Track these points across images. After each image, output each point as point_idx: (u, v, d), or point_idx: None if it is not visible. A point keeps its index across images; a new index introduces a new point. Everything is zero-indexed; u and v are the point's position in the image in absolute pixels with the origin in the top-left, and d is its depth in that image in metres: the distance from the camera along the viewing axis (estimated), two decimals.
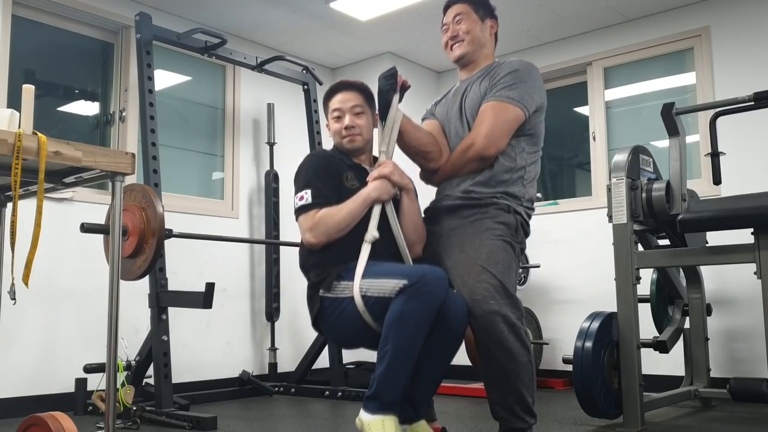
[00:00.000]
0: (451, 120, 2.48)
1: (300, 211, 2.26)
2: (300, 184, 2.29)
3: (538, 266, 4.70)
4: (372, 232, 2.22)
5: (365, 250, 2.19)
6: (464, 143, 2.38)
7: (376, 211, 2.25)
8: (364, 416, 2.05)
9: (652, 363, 3.75)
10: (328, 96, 2.42)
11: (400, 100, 2.37)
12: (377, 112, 2.41)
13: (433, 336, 2.09)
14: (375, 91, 2.40)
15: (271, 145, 4.92)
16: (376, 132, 2.42)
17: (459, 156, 2.38)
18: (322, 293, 2.20)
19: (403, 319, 2.01)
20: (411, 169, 2.47)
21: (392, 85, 2.33)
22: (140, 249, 3.18)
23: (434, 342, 2.11)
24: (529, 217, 2.43)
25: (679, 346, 3.72)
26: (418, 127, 2.47)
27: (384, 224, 2.27)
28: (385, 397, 2.02)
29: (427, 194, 2.52)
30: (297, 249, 2.36)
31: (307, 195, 2.24)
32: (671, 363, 3.89)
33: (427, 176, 2.53)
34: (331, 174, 2.30)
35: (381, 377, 2.03)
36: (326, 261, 2.23)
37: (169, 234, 3.37)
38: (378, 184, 2.26)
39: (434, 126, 2.53)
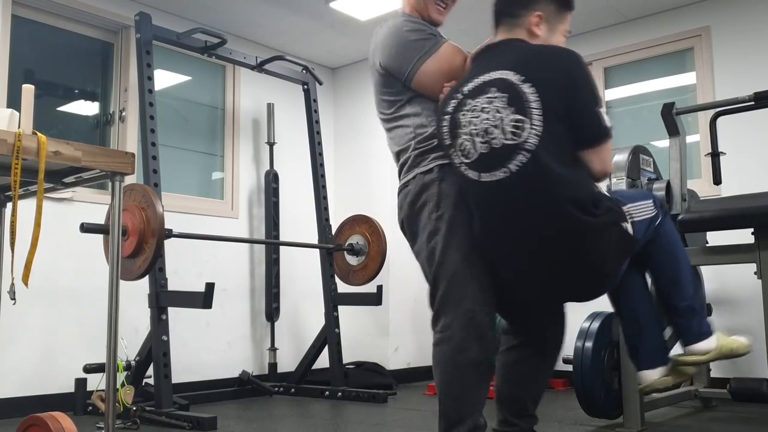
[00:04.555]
0: None
1: (610, 134, 1.89)
2: (598, 98, 1.89)
3: None
4: None
5: None
6: None
7: None
8: (714, 341, 2.14)
9: None
10: None
11: None
12: None
13: None
14: None
15: (271, 145, 4.92)
16: None
17: None
18: (626, 226, 1.95)
19: (677, 236, 2.10)
20: None
21: None
22: (140, 249, 3.18)
23: None
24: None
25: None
26: None
27: None
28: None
29: None
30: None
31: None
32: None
33: None
34: None
35: (696, 297, 2.09)
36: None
37: (169, 234, 3.37)
38: None
39: None
